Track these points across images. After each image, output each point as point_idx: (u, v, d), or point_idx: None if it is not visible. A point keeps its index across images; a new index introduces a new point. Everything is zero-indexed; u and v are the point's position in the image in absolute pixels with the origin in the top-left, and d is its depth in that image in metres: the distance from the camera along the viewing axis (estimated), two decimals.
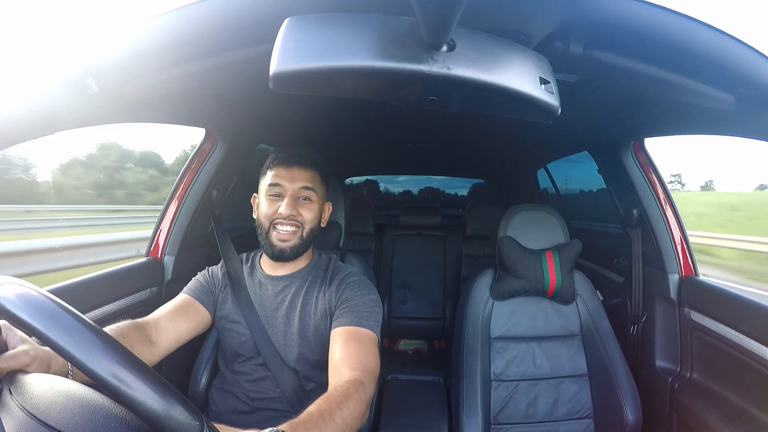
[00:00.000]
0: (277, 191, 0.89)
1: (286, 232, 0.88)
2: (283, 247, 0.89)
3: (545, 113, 0.49)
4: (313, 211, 0.91)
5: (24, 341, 0.55)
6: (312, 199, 0.91)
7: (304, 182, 0.90)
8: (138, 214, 10.92)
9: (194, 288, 0.94)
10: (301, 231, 0.90)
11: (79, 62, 0.60)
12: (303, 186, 0.89)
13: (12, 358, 0.51)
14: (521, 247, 1.21)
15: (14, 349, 0.53)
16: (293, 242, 0.89)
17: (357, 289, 0.89)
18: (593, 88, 0.87)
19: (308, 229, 0.91)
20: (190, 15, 0.56)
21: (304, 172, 0.90)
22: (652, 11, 0.53)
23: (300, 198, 0.90)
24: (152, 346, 0.78)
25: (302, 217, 0.89)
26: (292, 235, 0.89)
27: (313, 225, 0.91)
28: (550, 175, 2.13)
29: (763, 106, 0.68)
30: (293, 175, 0.89)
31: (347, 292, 0.89)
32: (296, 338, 0.89)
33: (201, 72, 0.72)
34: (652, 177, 1.23)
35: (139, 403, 0.38)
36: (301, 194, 0.90)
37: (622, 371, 1.11)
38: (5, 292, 0.41)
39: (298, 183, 0.89)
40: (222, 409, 0.90)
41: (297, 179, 0.89)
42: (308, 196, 0.90)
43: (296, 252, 0.90)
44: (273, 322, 0.91)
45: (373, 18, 0.42)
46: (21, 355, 0.52)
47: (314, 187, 0.91)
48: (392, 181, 3.71)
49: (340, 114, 1.37)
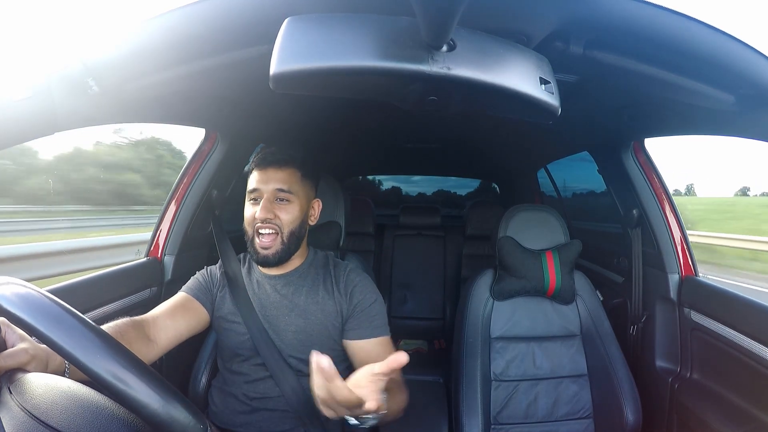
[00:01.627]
0: (255, 195, 0.88)
1: (267, 239, 0.87)
2: (265, 254, 0.87)
3: (545, 113, 0.49)
4: (291, 213, 0.88)
5: (23, 339, 0.54)
6: (289, 200, 0.88)
7: (279, 183, 0.87)
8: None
9: (192, 287, 0.94)
10: (280, 235, 0.88)
11: (79, 62, 0.60)
12: (278, 188, 0.87)
13: (11, 357, 0.51)
14: (521, 247, 1.21)
15: (13, 347, 0.53)
16: (275, 249, 0.87)
17: (365, 292, 0.93)
18: (593, 88, 0.87)
19: (287, 231, 0.88)
20: (190, 15, 0.56)
21: (280, 173, 0.88)
22: (652, 11, 0.52)
23: (277, 199, 0.88)
24: (150, 344, 0.78)
25: (279, 219, 0.87)
26: (273, 241, 0.87)
27: (292, 227, 0.89)
28: (550, 175, 2.13)
29: (763, 106, 0.68)
30: (268, 176, 0.88)
31: (357, 296, 0.92)
32: (298, 336, 0.89)
33: (201, 72, 0.72)
34: (652, 177, 1.23)
35: (142, 406, 0.38)
36: (277, 196, 0.88)
37: (622, 371, 1.11)
38: (5, 292, 0.41)
39: (272, 185, 0.87)
40: (222, 409, 0.90)
41: (272, 181, 0.87)
42: (284, 197, 0.88)
43: (279, 257, 0.88)
44: (273, 321, 0.90)
45: (373, 18, 0.42)
46: (20, 354, 0.52)
47: (290, 187, 0.88)
48: (407, 180, 3.76)
49: (340, 114, 1.37)
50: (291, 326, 0.90)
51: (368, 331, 0.90)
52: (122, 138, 16.90)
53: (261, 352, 0.88)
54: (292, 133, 1.53)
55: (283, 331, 0.90)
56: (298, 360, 0.89)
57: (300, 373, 0.88)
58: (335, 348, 0.92)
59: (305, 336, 0.89)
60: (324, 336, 0.90)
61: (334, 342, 0.91)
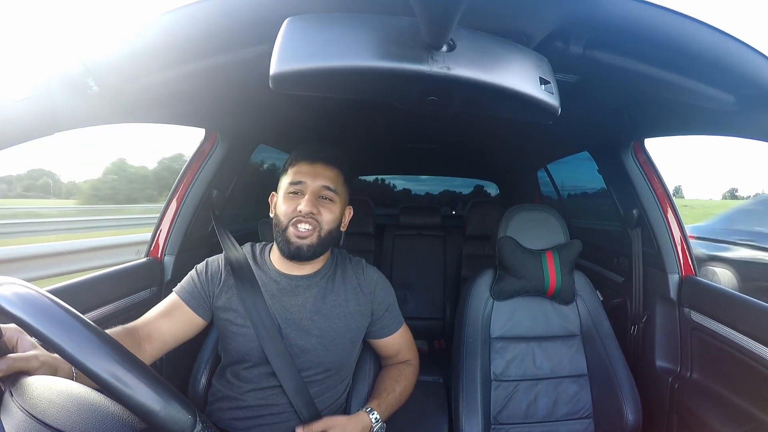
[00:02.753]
0: (298, 188, 0.85)
1: (305, 230, 0.83)
2: (300, 245, 0.83)
3: (545, 113, 0.49)
4: (334, 213, 0.86)
5: (35, 347, 0.55)
6: (333, 200, 0.86)
7: (327, 181, 0.85)
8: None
9: (186, 289, 0.88)
10: (318, 230, 0.84)
11: (79, 62, 0.60)
12: (324, 185, 0.85)
13: (22, 360, 0.52)
14: (521, 247, 1.21)
15: (25, 352, 0.53)
16: (311, 240, 0.83)
17: (386, 289, 0.97)
18: (593, 88, 0.86)
19: (326, 230, 0.85)
20: (190, 15, 0.56)
21: (328, 170, 0.86)
22: (652, 11, 0.52)
23: (321, 197, 0.85)
24: (141, 353, 0.77)
25: (321, 216, 0.84)
26: (311, 233, 0.84)
27: (331, 226, 0.86)
28: (550, 175, 2.13)
29: (763, 106, 0.68)
30: (316, 171, 0.85)
31: (380, 294, 0.95)
32: (321, 341, 0.86)
33: (201, 72, 0.72)
34: (653, 177, 1.23)
35: (142, 406, 0.38)
36: (322, 193, 0.85)
37: (622, 371, 1.11)
38: (5, 292, 0.41)
39: (320, 181, 0.85)
40: (221, 415, 0.88)
41: (319, 177, 0.85)
42: (329, 197, 0.86)
43: (313, 251, 0.84)
44: (293, 324, 0.86)
45: (373, 18, 0.42)
46: (31, 359, 0.53)
47: (336, 187, 0.87)
48: (416, 180, 3.78)
49: (339, 114, 1.37)
50: (315, 330, 0.86)
51: (395, 326, 0.98)
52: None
53: (271, 360, 0.83)
54: (292, 134, 1.53)
55: (306, 335, 0.86)
56: (310, 365, 0.87)
57: (309, 383, 0.86)
58: (352, 350, 0.93)
59: (327, 340, 0.87)
60: (346, 339, 0.89)
61: (352, 343, 0.92)
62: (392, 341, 0.98)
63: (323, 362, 0.88)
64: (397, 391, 0.92)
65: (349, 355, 0.93)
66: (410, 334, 1.03)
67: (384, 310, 0.95)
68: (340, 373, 0.92)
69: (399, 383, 0.94)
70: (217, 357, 1.01)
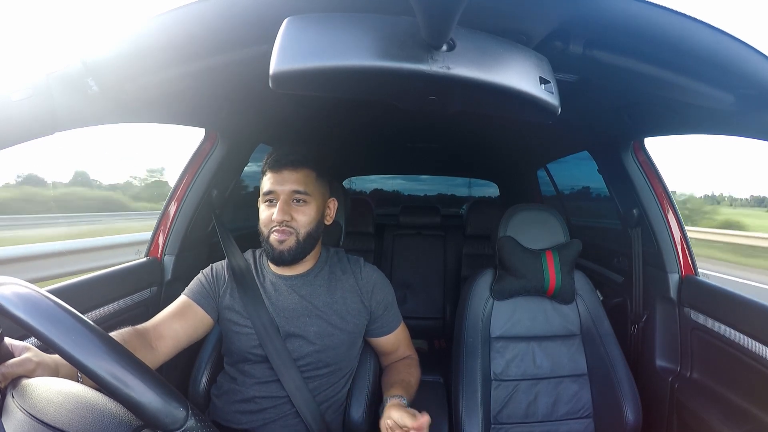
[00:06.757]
0: (270, 197, 0.87)
1: (282, 237, 0.86)
2: (281, 249, 0.86)
3: (545, 113, 0.49)
4: (308, 214, 0.88)
5: (27, 349, 0.56)
6: (306, 201, 0.88)
7: (295, 185, 0.86)
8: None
9: (195, 290, 0.91)
10: (296, 235, 0.87)
11: (79, 62, 0.60)
12: (294, 189, 0.86)
13: (18, 365, 0.52)
14: (521, 246, 1.21)
15: (20, 356, 0.54)
16: (289, 245, 0.86)
17: (385, 287, 0.98)
18: (593, 88, 0.86)
19: (304, 232, 0.87)
20: (190, 15, 0.56)
21: (295, 174, 0.87)
22: (652, 11, 0.52)
23: (294, 200, 0.87)
24: (153, 352, 0.78)
25: (296, 222, 0.86)
26: (288, 238, 0.86)
27: (309, 228, 0.88)
28: (550, 175, 2.13)
29: (763, 106, 0.68)
30: (284, 178, 0.86)
31: (379, 293, 0.96)
32: (318, 339, 0.88)
33: (201, 72, 0.72)
34: (652, 177, 1.23)
35: (121, 391, 0.38)
36: (293, 197, 0.87)
37: (622, 371, 1.11)
38: (5, 292, 0.41)
39: (288, 186, 0.86)
40: (225, 408, 0.90)
41: (287, 182, 0.86)
42: (302, 199, 0.87)
43: (293, 255, 0.87)
44: (292, 323, 0.89)
45: (372, 18, 0.42)
46: (26, 362, 0.53)
47: (307, 188, 0.87)
48: (416, 179, 3.78)
49: (340, 114, 1.38)
50: (312, 327, 0.88)
51: (394, 324, 0.99)
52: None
53: (270, 356, 0.86)
54: (292, 133, 1.53)
55: (302, 333, 0.88)
56: (308, 360, 0.88)
57: (308, 378, 0.88)
58: (351, 347, 0.94)
59: (325, 337, 0.88)
60: (343, 335, 0.90)
61: (350, 339, 0.92)
62: (392, 339, 0.99)
63: (322, 359, 0.89)
64: (412, 381, 0.95)
65: (348, 352, 0.93)
66: (407, 331, 1.04)
67: (383, 309, 0.96)
68: (341, 370, 0.93)
69: (412, 375, 0.96)
70: (218, 356, 1.01)
